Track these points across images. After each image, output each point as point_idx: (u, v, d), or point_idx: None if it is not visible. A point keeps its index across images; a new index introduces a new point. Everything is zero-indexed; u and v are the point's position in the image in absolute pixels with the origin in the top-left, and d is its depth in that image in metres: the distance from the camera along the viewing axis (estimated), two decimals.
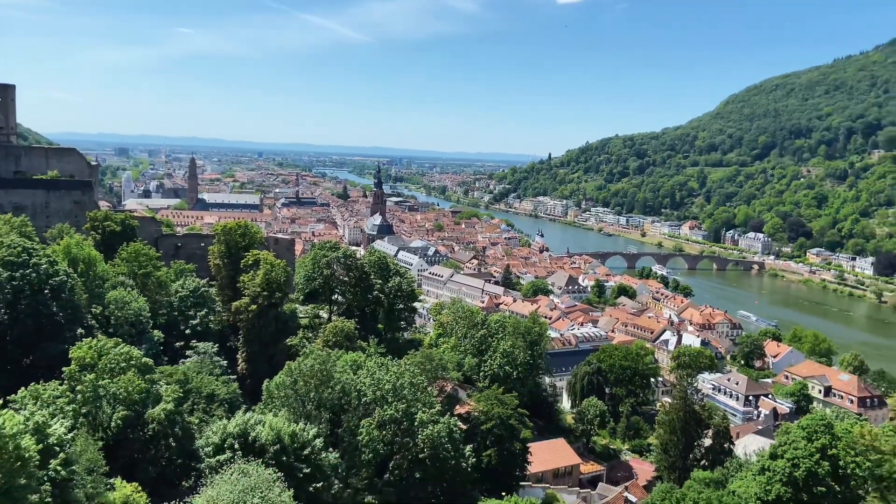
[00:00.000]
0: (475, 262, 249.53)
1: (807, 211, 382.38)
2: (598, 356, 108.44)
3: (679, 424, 73.42)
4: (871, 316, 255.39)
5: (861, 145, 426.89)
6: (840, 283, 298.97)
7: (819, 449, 52.85)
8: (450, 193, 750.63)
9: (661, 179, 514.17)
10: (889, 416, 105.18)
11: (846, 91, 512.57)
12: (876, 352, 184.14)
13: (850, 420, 73.14)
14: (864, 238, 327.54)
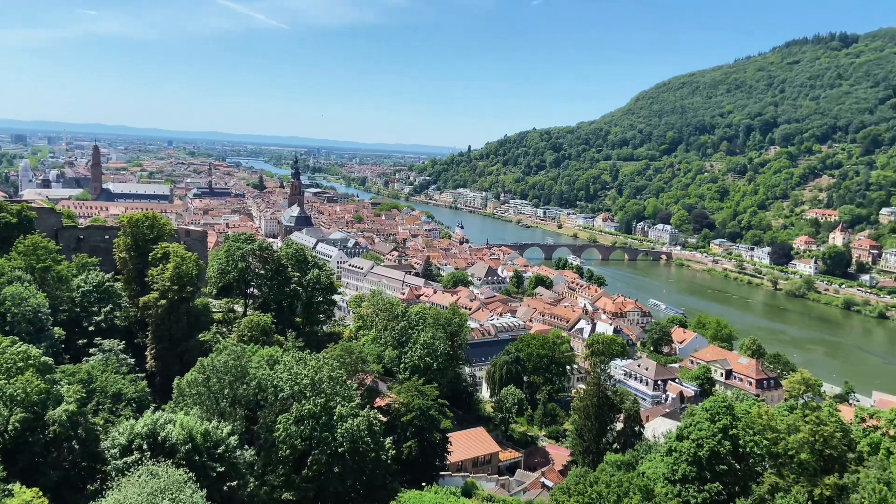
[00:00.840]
0: (395, 253, 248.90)
1: (710, 203, 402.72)
2: (517, 345, 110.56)
3: (593, 410, 75.79)
4: (767, 303, 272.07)
5: (759, 142, 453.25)
6: (740, 271, 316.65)
7: (721, 429, 55.77)
8: (370, 185, 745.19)
9: (577, 172, 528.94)
10: (784, 397, 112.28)
11: (746, 90, 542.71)
12: (772, 336, 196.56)
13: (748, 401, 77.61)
14: (762, 229, 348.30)
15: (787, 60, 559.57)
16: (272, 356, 56.19)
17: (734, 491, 54.28)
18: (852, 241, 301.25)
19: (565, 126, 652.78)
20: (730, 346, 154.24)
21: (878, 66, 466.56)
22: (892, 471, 48.66)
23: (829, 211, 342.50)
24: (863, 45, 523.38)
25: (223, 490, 40.09)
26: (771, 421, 59.42)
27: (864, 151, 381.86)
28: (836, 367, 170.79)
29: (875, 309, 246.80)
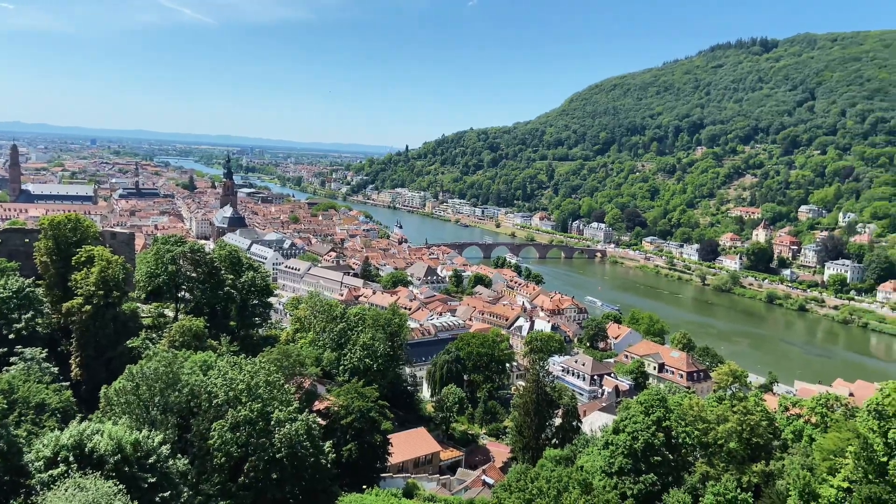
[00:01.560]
0: (333, 254, 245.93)
1: (642, 202, 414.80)
2: (457, 344, 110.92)
3: (532, 406, 76.73)
4: (696, 297, 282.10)
5: (687, 142, 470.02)
6: (671, 268, 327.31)
7: (655, 421, 57.38)
8: (306, 185, 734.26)
9: (514, 172, 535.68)
10: (713, 388, 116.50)
11: (674, 92, 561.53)
12: (701, 329, 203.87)
13: (680, 394, 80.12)
14: (690, 227, 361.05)
15: (711, 64, 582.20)
16: (205, 362, 54.58)
17: (668, 481, 55.90)
18: (774, 237, 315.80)
19: (502, 126, 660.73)
20: (662, 340, 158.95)
21: (795, 70, 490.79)
22: (814, 457, 51.02)
23: (752, 209, 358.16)
24: (782, 49, 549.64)
25: (155, 501, 38.57)
26: (701, 412, 61.52)
27: (783, 152, 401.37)
28: (761, 358, 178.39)
29: (796, 302, 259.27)
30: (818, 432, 60.27)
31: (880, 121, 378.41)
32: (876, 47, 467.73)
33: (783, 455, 59.07)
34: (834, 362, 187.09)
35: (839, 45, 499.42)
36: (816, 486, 45.10)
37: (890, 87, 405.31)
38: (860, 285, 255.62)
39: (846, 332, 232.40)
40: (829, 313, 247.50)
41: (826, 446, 49.41)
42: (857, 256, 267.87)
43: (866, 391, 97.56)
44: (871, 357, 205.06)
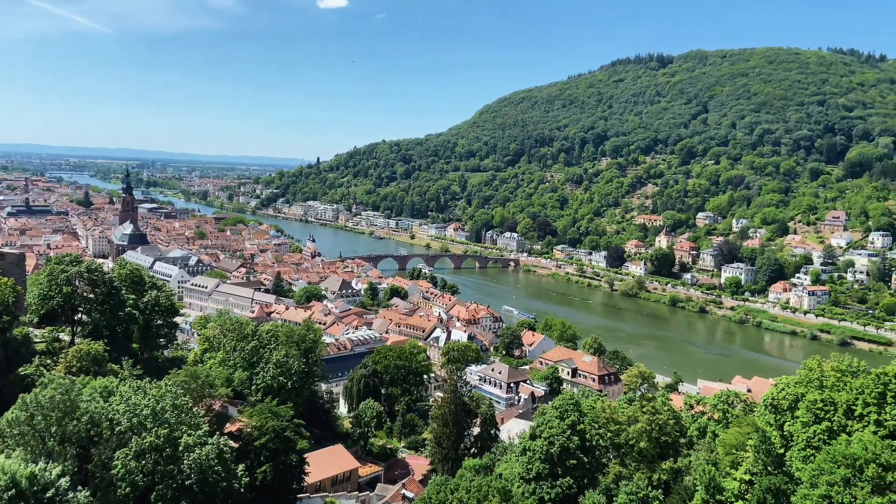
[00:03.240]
0: (243, 270, 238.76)
1: (552, 212, 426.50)
2: (374, 358, 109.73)
3: (451, 417, 76.82)
4: (605, 303, 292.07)
5: (593, 153, 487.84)
6: (581, 275, 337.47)
7: (570, 426, 58.66)
8: (212, 199, 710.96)
9: (427, 184, 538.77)
10: (623, 390, 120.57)
11: (579, 105, 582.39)
12: (611, 334, 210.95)
13: (593, 397, 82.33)
14: (598, 235, 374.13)
15: (613, 78, 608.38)
16: (106, 387, 51.52)
17: (583, 483, 57.20)
18: (675, 243, 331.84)
19: (414, 138, 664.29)
20: (574, 345, 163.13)
21: (689, 85, 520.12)
22: (718, 452, 53.54)
23: (654, 216, 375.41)
24: (676, 65, 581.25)
25: None
26: (613, 414, 63.46)
27: (681, 162, 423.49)
28: (667, 359, 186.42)
29: (696, 304, 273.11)
30: (720, 428, 63.33)
31: (766, 132, 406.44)
32: (761, 63, 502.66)
33: (690, 452, 61.74)
34: (733, 360, 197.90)
35: (728, 62, 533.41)
36: (721, 480, 47.30)
37: (774, 101, 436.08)
38: (753, 287, 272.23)
39: (742, 331, 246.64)
40: (727, 314, 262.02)
41: (728, 441, 51.99)
42: (750, 260, 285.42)
43: (763, 387, 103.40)
44: (765, 354, 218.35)
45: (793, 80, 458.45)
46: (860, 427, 45.28)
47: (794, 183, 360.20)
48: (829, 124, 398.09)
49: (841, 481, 39.98)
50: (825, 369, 51.97)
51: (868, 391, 46.31)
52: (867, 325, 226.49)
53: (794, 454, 47.34)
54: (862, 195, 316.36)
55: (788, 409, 51.42)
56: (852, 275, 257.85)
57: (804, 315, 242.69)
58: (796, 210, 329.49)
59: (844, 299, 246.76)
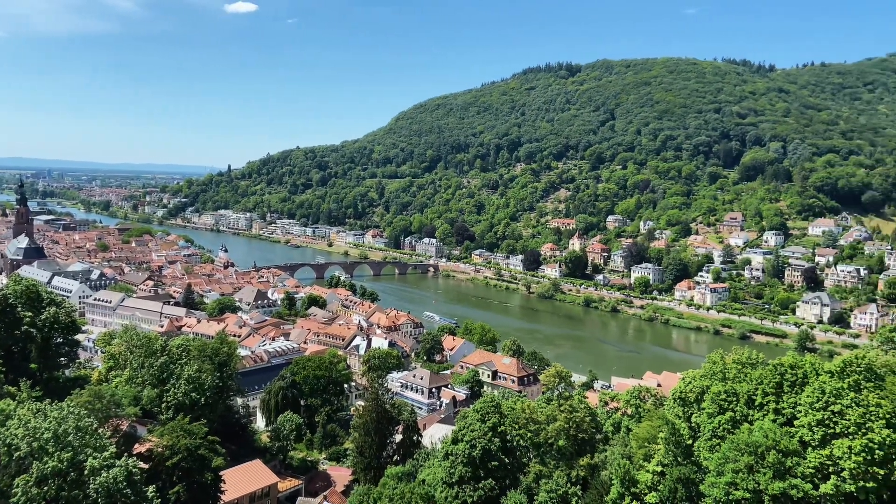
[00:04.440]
0: (150, 283, 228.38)
1: (469, 217, 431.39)
2: (292, 369, 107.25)
3: (372, 425, 76.11)
4: (523, 305, 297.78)
5: (507, 159, 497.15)
6: (499, 279, 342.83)
7: (491, 428, 59.28)
8: (115, 209, 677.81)
9: (344, 191, 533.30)
10: (542, 390, 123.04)
11: (493, 112, 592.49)
12: (529, 335, 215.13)
13: (513, 398, 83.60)
14: (515, 239, 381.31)
15: (525, 86, 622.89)
16: (2, 410, 47.99)
17: (505, 484, 57.90)
18: (587, 245, 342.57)
19: (330, 144, 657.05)
20: (494, 348, 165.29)
21: (597, 93, 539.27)
22: (631, 446, 55.43)
23: (567, 220, 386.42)
24: (585, 74, 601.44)
25: None
26: (532, 414, 64.63)
27: (591, 167, 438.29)
28: (582, 357, 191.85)
29: (609, 304, 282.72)
30: (633, 423, 65.62)
31: (669, 138, 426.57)
32: (662, 73, 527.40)
33: (605, 447, 63.66)
34: (643, 357, 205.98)
35: (632, 71, 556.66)
36: (635, 473, 48.97)
37: (675, 109, 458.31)
38: (661, 286, 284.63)
39: (652, 328, 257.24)
40: (637, 312, 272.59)
41: (640, 435, 53.93)
42: (657, 260, 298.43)
43: (672, 381, 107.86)
44: (673, 350, 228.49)
45: (691, 89, 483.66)
46: (760, 416, 47.97)
47: (695, 186, 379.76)
48: (725, 130, 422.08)
49: (745, 468, 42.21)
50: (727, 362, 54.77)
51: (766, 381, 49.17)
52: (764, 319, 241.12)
53: (701, 444, 49.61)
54: (756, 197, 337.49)
55: (695, 402, 53.86)
56: (749, 272, 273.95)
57: (707, 311, 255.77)
58: (698, 212, 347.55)
59: (743, 295, 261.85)
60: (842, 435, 43.13)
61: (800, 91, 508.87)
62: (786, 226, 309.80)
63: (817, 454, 43.37)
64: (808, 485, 41.94)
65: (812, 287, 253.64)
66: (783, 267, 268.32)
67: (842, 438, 42.93)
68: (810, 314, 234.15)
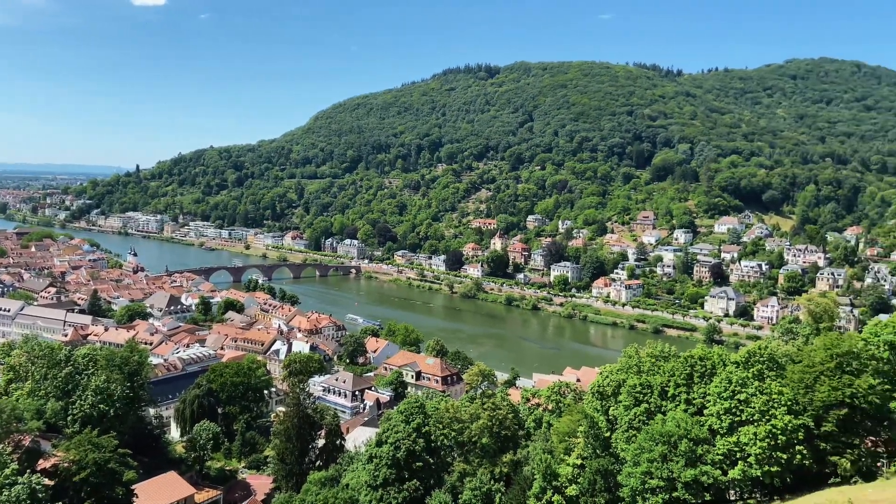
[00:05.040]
0: (53, 290, 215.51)
1: (391, 217, 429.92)
2: (208, 377, 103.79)
3: (294, 431, 74.62)
4: (446, 305, 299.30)
5: (429, 160, 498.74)
6: (422, 279, 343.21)
7: (415, 429, 59.18)
8: (12, 212, 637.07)
9: (261, 191, 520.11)
10: (465, 389, 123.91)
11: (414, 112, 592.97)
12: (452, 335, 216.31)
13: (437, 398, 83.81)
14: (437, 239, 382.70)
15: (445, 87, 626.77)
16: None
17: (430, 484, 57.96)
18: (509, 245, 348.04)
19: (246, 144, 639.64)
20: (418, 349, 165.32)
21: (516, 95, 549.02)
22: (553, 441, 56.58)
23: (489, 220, 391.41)
24: (503, 76, 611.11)
25: None
26: (456, 413, 64.96)
27: (511, 167, 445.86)
28: (505, 355, 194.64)
29: (530, 302, 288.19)
30: (554, 418, 67.06)
31: (585, 140, 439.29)
32: (577, 76, 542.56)
33: (528, 443, 64.74)
34: (563, 353, 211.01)
35: (549, 74, 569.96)
36: (556, 467, 49.99)
37: (591, 111, 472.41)
38: (579, 283, 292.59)
39: (571, 325, 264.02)
40: (557, 310, 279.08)
41: (561, 429, 55.13)
42: (575, 258, 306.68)
43: (590, 376, 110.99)
44: (591, 345, 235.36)
45: (605, 92, 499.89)
46: (673, 407, 49.96)
47: (610, 186, 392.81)
48: (637, 132, 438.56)
49: (659, 458, 43.81)
50: (642, 356, 56.78)
51: (678, 373, 51.27)
52: (675, 313, 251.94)
53: (618, 436, 51.20)
54: (666, 197, 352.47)
55: (612, 395, 55.55)
56: (661, 269, 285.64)
57: (623, 307, 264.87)
58: (613, 211, 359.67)
59: (656, 291, 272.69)
60: (747, 422, 45.48)
61: (705, 95, 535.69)
62: (694, 224, 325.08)
63: (725, 441, 45.57)
64: (717, 471, 44.00)
65: (719, 282, 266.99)
66: (692, 263, 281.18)
67: (748, 426, 45.27)
68: (717, 308, 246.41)
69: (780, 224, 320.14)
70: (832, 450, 45.20)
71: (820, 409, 45.53)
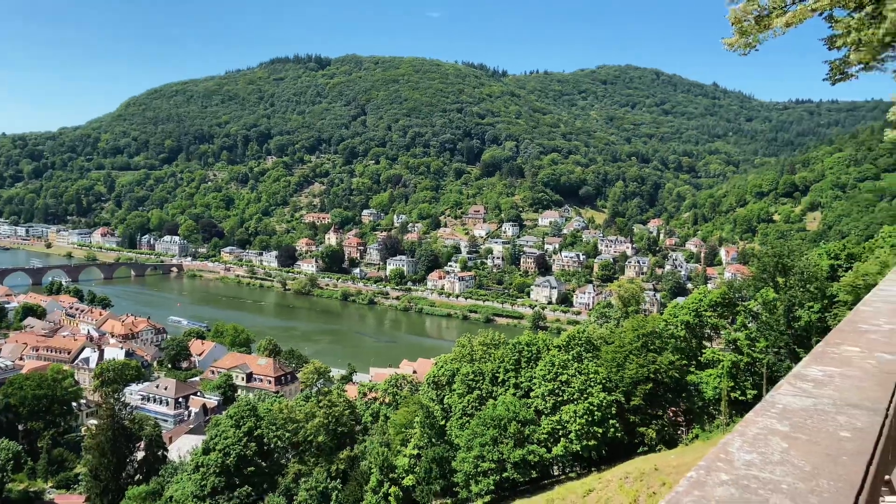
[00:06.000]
0: None
1: (217, 212, 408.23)
2: (6, 390, 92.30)
3: (108, 445, 68.38)
4: (279, 303, 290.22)
5: (257, 152, 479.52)
6: (252, 276, 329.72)
7: (246, 432, 56.67)
8: None
9: (64, 184, 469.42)
10: (301, 388, 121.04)
11: (239, 102, 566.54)
12: (285, 334, 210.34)
13: (270, 399, 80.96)
14: (268, 234, 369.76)
15: (273, 76, 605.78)
16: None
17: (263, 489, 55.82)
18: (344, 240, 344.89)
19: (45, 131, 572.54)
20: (249, 349, 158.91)
21: (348, 88, 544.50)
22: (390, 433, 56.82)
23: (323, 215, 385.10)
24: (335, 67, 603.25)
25: None
26: (291, 413, 63.11)
27: (344, 161, 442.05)
28: (341, 351, 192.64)
29: (366, 297, 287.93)
30: (391, 410, 67.44)
31: (418, 135, 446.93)
32: (409, 72, 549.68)
33: (365, 438, 64.52)
34: (400, 346, 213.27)
35: (381, 68, 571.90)
36: (393, 459, 50.25)
37: (423, 107, 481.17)
38: (415, 276, 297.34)
39: (407, 318, 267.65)
40: (393, 304, 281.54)
41: (398, 421, 55.53)
42: (411, 252, 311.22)
43: (426, 367, 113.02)
44: (428, 337, 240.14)
45: (436, 89, 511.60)
46: (503, 391, 52.17)
47: (443, 181, 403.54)
48: (467, 129, 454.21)
49: (490, 441, 45.52)
50: (474, 345, 58.74)
51: (507, 359, 53.61)
52: (504, 302, 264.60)
53: (452, 423, 52.52)
54: (495, 192, 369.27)
55: (447, 384, 56.87)
56: (492, 261, 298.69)
57: (457, 299, 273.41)
58: (446, 205, 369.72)
59: (487, 282, 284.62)
60: (568, 401, 48.64)
61: (528, 96, 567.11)
62: (521, 217, 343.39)
63: (550, 420, 48.40)
64: (542, 449, 46.59)
65: (543, 272, 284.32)
66: (519, 255, 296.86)
67: (569, 404, 48.42)
68: (542, 296, 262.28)
69: (595, 217, 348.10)
70: (640, 422, 49.68)
71: (629, 385, 49.80)
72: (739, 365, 50.31)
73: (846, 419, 2.48)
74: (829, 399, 2.73)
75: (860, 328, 4.55)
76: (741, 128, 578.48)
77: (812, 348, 4.00)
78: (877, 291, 6.90)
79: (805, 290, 50.55)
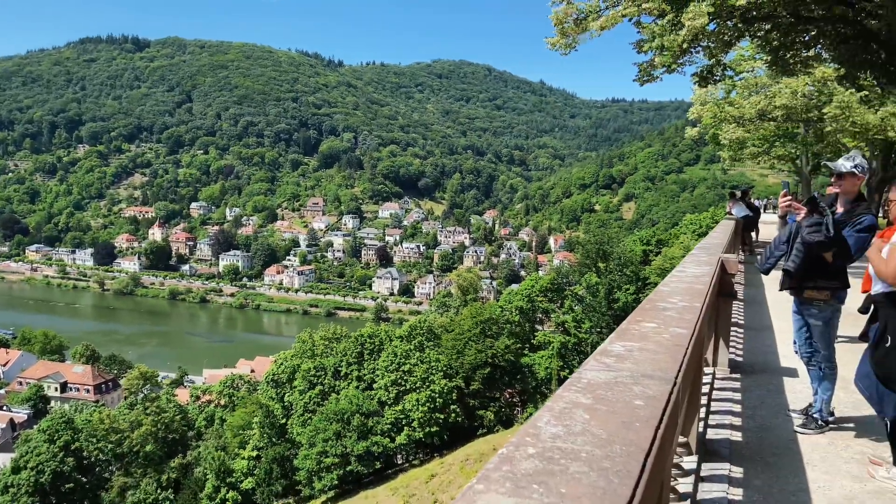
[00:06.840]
0: None
1: (20, 207, 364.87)
2: None
3: None
4: (97, 305, 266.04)
5: (66, 140, 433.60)
6: (64, 277, 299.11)
7: (62, 447, 51.62)
8: None
9: None
10: (124, 396, 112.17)
11: (44, 85, 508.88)
12: (106, 338, 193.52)
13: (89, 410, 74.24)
14: (82, 230, 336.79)
15: (83, 57, 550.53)
16: None
17: None
18: (170, 235, 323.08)
19: None
20: (62, 357, 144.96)
21: (171, 72, 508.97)
22: (227, 436, 54.38)
23: (146, 208, 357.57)
24: (155, 50, 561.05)
25: None
26: (113, 423, 58.35)
27: (169, 151, 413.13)
28: (170, 354, 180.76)
29: (197, 295, 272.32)
30: (227, 412, 64.60)
31: (250, 124, 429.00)
32: (239, 58, 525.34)
33: (199, 443, 61.22)
34: (236, 345, 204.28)
35: (207, 52, 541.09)
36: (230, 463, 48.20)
37: (255, 95, 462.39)
38: (251, 272, 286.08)
39: (243, 315, 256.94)
40: (228, 301, 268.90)
41: (235, 423, 53.33)
42: (246, 246, 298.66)
43: (265, 365, 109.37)
44: (266, 334, 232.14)
45: (269, 77, 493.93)
46: (346, 385, 51.90)
47: (279, 173, 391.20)
48: (303, 119, 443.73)
49: (333, 435, 45.12)
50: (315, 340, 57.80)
51: (350, 353, 53.37)
52: (346, 296, 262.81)
53: (294, 421, 51.40)
54: (334, 183, 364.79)
55: (287, 381, 55.49)
56: (332, 254, 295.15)
57: (296, 293, 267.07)
58: (283, 198, 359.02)
59: (328, 275, 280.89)
60: (411, 390, 49.47)
61: (365, 87, 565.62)
62: (361, 209, 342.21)
63: (393, 410, 48.92)
64: (386, 439, 47.01)
65: (384, 264, 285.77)
66: (360, 247, 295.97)
67: (411, 393, 49.24)
68: (384, 288, 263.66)
69: (434, 209, 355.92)
70: (479, 405, 51.73)
71: (469, 370, 51.63)
72: (568, 345, 53.98)
73: (641, 389, 2.69)
74: (627, 372, 2.96)
75: (658, 305, 5.07)
76: (566, 124, 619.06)
77: None
78: (675, 273, 7.66)
79: (622, 273, 55.22)
